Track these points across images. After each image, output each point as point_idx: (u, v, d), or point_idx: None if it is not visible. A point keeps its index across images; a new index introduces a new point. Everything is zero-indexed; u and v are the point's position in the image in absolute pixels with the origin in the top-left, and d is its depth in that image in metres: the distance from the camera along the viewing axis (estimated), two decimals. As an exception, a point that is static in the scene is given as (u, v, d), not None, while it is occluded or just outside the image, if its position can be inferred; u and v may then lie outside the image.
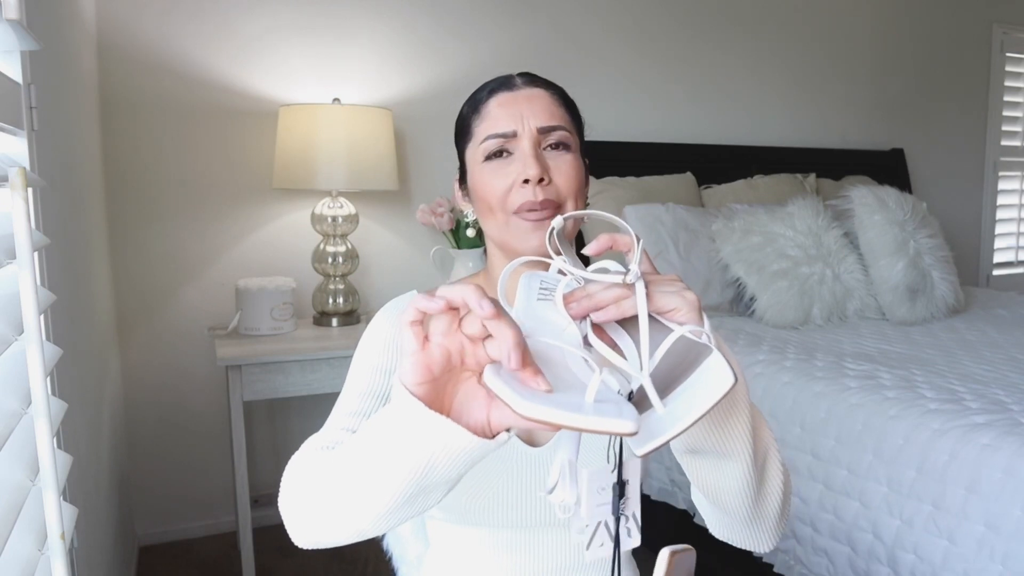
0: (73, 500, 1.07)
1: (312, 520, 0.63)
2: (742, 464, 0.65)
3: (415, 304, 0.51)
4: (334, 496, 0.60)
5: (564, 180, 0.80)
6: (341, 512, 0.60)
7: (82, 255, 1.52)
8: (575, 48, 2.72)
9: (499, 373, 0.48)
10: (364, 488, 0.56)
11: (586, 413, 0.45)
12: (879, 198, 2.50)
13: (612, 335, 0.60)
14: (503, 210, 0.80)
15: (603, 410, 0.46)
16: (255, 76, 2.28)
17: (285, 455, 2.43)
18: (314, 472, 0.65)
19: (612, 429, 0.45)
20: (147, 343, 2.24)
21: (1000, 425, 1.41)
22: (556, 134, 0.80)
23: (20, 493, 0.68)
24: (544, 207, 0.78)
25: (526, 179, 0.78)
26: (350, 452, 0.58)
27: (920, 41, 3.47)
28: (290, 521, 0.66)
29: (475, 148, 0.82)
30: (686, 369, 0.54)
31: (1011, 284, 3.90)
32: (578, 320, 0.58)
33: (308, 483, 0.65)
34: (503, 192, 0.79)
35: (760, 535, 0.73)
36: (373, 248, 2.47)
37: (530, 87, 0.83)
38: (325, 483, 0.61)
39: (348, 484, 0.58)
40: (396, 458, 0.53)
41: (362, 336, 0.85)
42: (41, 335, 0.69)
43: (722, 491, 0.67)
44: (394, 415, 0.52)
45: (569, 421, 0.44)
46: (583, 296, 0.59)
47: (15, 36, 0.76)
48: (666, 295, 0.59)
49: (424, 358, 0.51)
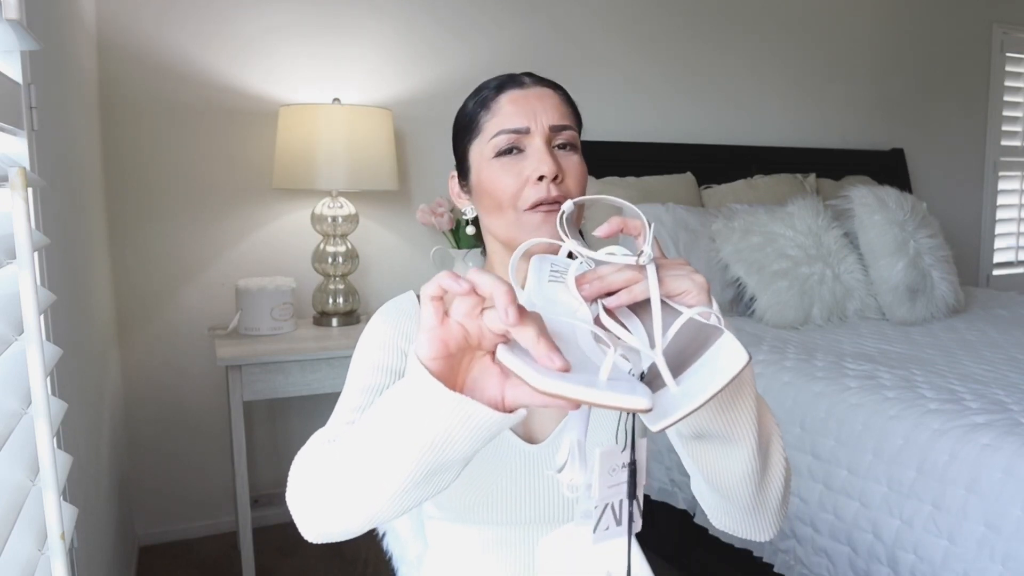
0: (73, 500, 1.07)
1: (324, 509, 0.63)
2: (747, 449, 0.65)
3: (440, 281, 0.51)
4: (348, 478, 0.59)
5: (574, 179, 0.81)
6: (355, 495, 0.59)
7: (82, 255, 1.52)
8: (575, 48, 2.72)
9: (513, 350, 0.48)
10: (380, 465, 0.56)
11: (601, 389, 0.45)
12: (879, 198, 2.50)
13: (622, 318, 0.61)
14: (513, 207, 0.80)
15: (618, 387, 0.46)
16: (255, 76, 2.28)
17: (285, 455, 2.43)
18: (323, 459, 0.64)
19: (627, 405, 0.45)
20: (147, 343, 2.24)
21: (1000, 425, 1.41)
22: (566, 133, 0.81)
23: (20, 493, 0.68)
24: (557, 202, 0.78)
25: (540, 176, 0.78)
26: (363, 431, 0.58)
27: (920, 41, 3.47)
28: (300, 513, 0.66)
29: (483, 144, 0.82)
30: (696, 350, 0.55)
31: (1011, 284, 3.90)
32: (590, 302, 0.58)
33: (318, 471, 0.64)
34: (515, 189, 0.79)
35: (761, 523, 0.73)
36: (373, 248, 2.47)
37: (539, 86, 0.83)
38: (337, 467, 0.61)
39: (363, 463, 0.57)
40: (414, 432, 0.53)
41: (360, 336, 0.85)
42: (41, 335, 0.69)
43: (727, 477, 0.67)
44: (411, 390, 0.52)
45: (585, 396, 0.45)
46: (595, 278, 0.59)
47: (15, 36, 0.76)
48: (676, 278, 0.60)
49: (442, 333, 0.51)
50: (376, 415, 0.56)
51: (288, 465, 2.43)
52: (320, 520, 0.64)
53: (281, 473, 2.43)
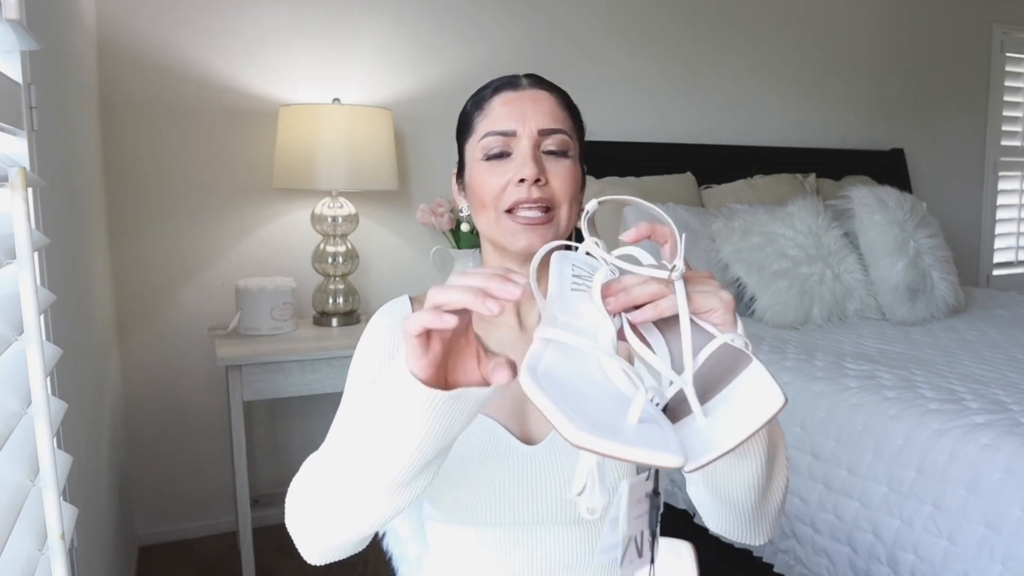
0: (73, 500, 1.07)
1: (323, 519, 0.63)
2: (757, 462, 0.65)
3: (421, 323, 0.50)
4: (345, 480, 0.60)
5: (560, 183, 0.81)
6: (352, 496, 0.59)
7: (82, 255, 1.52)
8: (575, 48, 2.72)
9: (536, 377, 0.47)
10: (379, 460, 0.56)
11: (631, 442, 0.43)
12: (879, 198, 2.50)
13: (642, 330, 0.59)
14: (495, 208, 0.81)
15: (648, 435, 0.44)
16: (255, 76, 2.28)
17: (285, 455, 2.43)
18: (317, 473, 0.65)
19: (660, 463, 0.43)
20: (147, 343, 2.24)
21: (1000, 425, 1.41)
22: (556, 137, 0.81)
23: (20, 493, 0.68)
24: (538, 203, 0.79)
25: (522, 179, 0.78)
26: (357, 432, 0.58)
27: (920, 41, 3.47)
28: (301, 532, 0.67)
29: (474, 144, 0.83)
30: (723, 374, 0.53)
31: (1011, 284, 3.90)
32: (613, 315, 0.57)
33: (314, 484, 0.64)
34: (498, 190, 0.80)
35: (759, 530, 0.73)
36: (373, 248, 2.47)
37: (535, 89, 0.83)
38: (333, 472, 0.61)
39: (360, 462, 0.58)
40: (414, 428, 0.54)
41: (359, 344, 0.86)
42: (41, 335, 0.69)
43: (733, 488, 0.67)
44: (405, 396, 0.53)
45: (618, 452, 0.43)
46: (620, 290, 0.58)
47: (15, 36, 0.76)
48: (704, 295, 0.58)
49: (431, 359, 0.52)
50: (368, 418, 0.56)
51: (288, 465, 2.43)
52: (319, 535, 0.64)
53: (281, 473, 2.43)
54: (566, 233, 0.82)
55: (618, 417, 0.46)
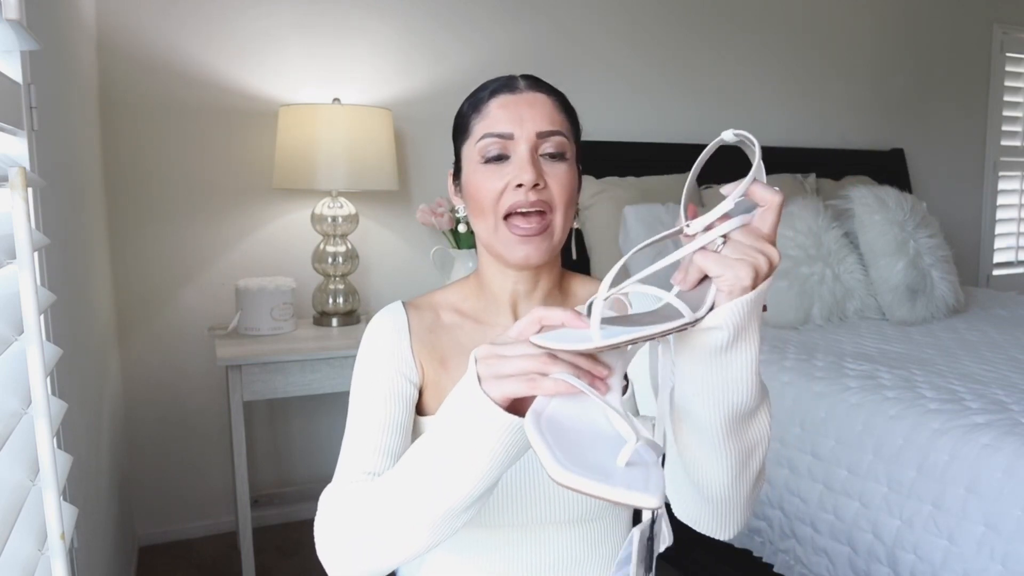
0: (73, 500, 1.07)
1: (362, 551, 0.67)
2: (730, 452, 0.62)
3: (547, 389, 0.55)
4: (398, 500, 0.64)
5: (558, 187, 0.81)
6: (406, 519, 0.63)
7: (82, 255, 1.52)
8: (575, 48, 2.72)
9: (538, 424, 0.53)
10: (446, 480, 0.60)
11: (613, 482, 0.49)
12: (879, 198, 2.50)
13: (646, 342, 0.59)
14: (494, 213, 0.81)
15: (631, 477, 0.50)
16: (255, 76, 2.28)
17: (285, 455, 2.44)
18: (363, 500, 0.68)
19: (636, 503, 0.49)
20: (147, 343, 2.24)
21: (1000, 425, 1.41)
22: (553, 140, 0.81)
23: (20, 493, 0.68)
24: (535, 207, 0.79)
25: (520, 183, 0.78)
26: (422, 449, 0.63)
27: (920, 41, 3.47)
28: (336, 560, 0.70)
29: (472, 146, 0.83)
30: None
31: (1011, 284, 3.89)
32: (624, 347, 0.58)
33: (358, 512, 0.68)
34: (496, 194, 0.80)
35: (729, 519, 0.70)
36: (373, 248, 2.47)
37: (532, 91, 0.83)
38: (385, 492, 0.65)
39: (422, 482, 0.62)
40: (482, 454, 0.59)
41: (360, 353, 0.85)
42: (41, 335, 0.69)
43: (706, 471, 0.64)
44: (483, 425, 0.58)
45: (599, 492, 0.48)
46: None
47: (15, 36, 0.76)
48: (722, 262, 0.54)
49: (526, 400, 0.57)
50: (439, 439, 0.61)
51: (288, 465, 2.43)
52: (357, 564, 0.68)
53: (281, 473, 2.43)
54: (561, 240, 0.83)
55: (608, 459, 0.51)
